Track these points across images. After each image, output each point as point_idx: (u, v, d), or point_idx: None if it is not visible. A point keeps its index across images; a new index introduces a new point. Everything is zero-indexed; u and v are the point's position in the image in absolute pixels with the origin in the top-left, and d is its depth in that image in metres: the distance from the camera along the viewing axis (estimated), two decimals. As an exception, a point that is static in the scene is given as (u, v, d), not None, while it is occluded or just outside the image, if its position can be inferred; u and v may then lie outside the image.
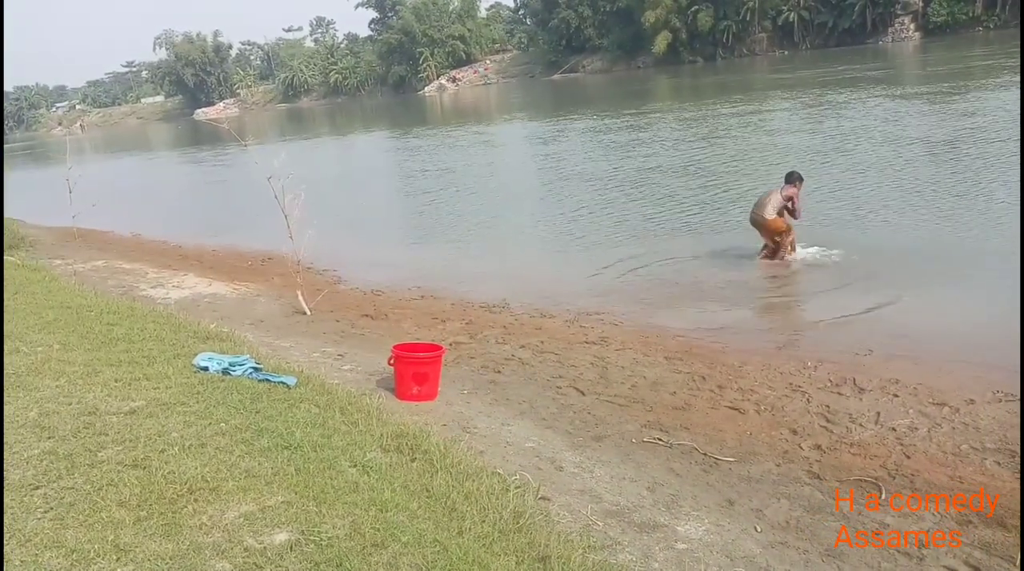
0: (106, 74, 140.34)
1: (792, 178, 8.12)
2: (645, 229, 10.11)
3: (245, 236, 12.34)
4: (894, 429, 4.24)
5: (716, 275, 7.87)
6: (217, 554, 2.41)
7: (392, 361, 4.72)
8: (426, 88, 77.30)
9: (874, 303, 6.47)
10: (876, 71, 32.06)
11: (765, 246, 8.11)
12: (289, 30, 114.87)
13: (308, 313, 7.40)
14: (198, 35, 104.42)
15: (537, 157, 20.19)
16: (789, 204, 7.98)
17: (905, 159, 12.41)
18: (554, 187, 14.59)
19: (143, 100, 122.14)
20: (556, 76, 67.01)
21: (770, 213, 7.89)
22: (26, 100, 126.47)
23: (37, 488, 2.81)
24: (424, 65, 79.30)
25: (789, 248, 7.96)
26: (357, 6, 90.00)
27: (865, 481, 3.72)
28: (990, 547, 3.15)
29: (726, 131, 19.31)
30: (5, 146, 65.10)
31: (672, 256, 8.73)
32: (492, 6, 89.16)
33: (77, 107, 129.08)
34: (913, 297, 6.53)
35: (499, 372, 5.50)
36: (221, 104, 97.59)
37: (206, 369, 4.32)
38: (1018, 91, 16.56)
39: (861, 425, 4.32)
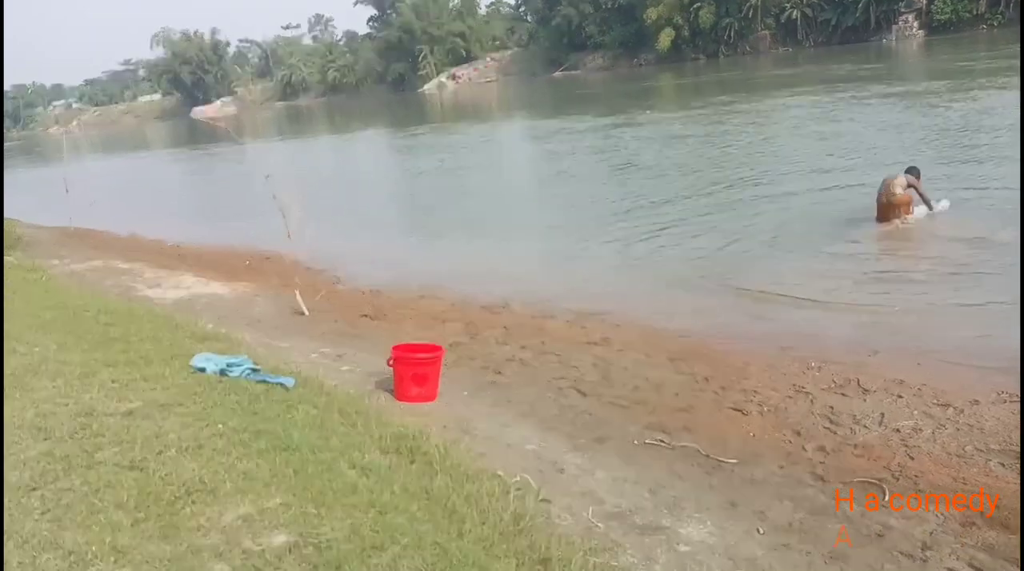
0: (103, 72, 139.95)
1: (913, 171, 8.66)
2: (648, 229, 10.07)
3: (243, 236, 12.31)
4: (898, 430, 4.22)
5: (718, 275, 7.85)
6: (215, 556, 2.40)
7: (391, 362, 4.71)
8: (426, 86, 77.19)
9: (883, 302, 6.47)
10: (887, 69, 31.97)
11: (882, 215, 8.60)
12: (287, 28, 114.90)
13: (306, 313, 7.37)
14: (196, 33, 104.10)
15: (538, 156, 20.18)
16: (914, 190, 8.53)
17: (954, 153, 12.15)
18: (554, 187, 14.57)
19: (140, 98, 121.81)
20: (557, 74, 66.94)
21: (900, 191, 8.43)
22: (23, 99, 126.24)
23: (35, 489, 2.80)
24: (424, 62, 79.17)
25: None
26: (356, 3, 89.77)
27: (869, 482, 3.70)
28: (993, 549, 3.13)
29: (731, 129, 19.30)
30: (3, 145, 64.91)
31: (676, 255, 8.71)
32: (492, 3, 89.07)
33: (74, 106, 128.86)
34: (922, 297, 6.52)
35: (500, 373, 5.48)
36: (219, 102, 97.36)
37: (204, 370, 4.30)
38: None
39: (865, 426, 4.30)
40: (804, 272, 7.62)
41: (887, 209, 8.52)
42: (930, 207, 8.57)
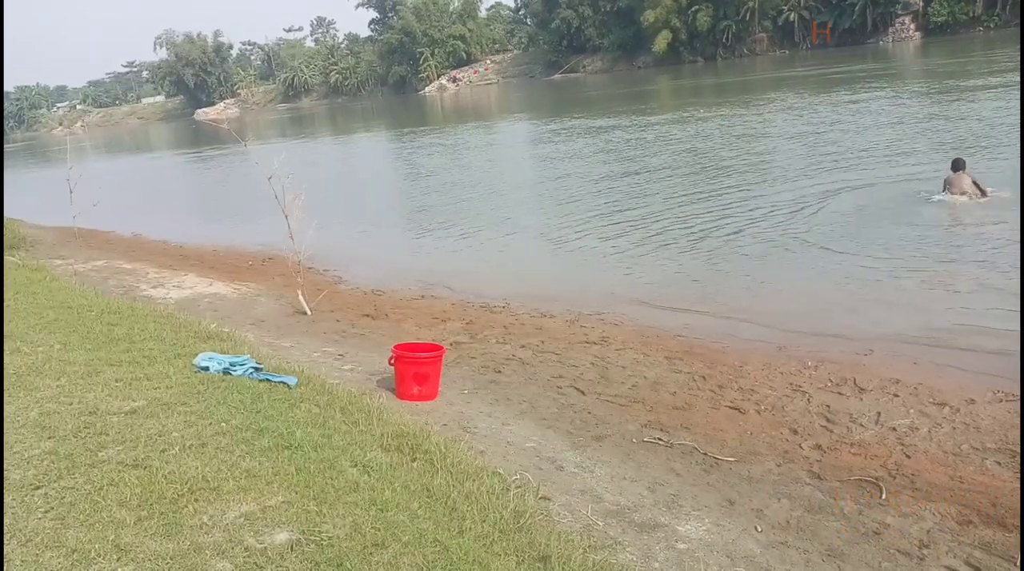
0: (107, 74, 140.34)
1: (961, 165, 9.10)
2: (647, 229, 10.09)
3: (246, 236, 12.35)
4: (894, 429, 4.24)
5: (717, 275, 7.87)
6: (218, 554, 2.42)
7: (393, 361, 4.73)
8: (426, 88, 77.30)
9: (882, 302, 6.48)
10: (889, 70, 31.92)
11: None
12: (290, 30, 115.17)
13: (309, 313, 7.40)
14: (199, 35, 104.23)
15: (537, 157, 20.18)
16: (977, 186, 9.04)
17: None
18: (555, 187, 14.58)
19: (143, 100, 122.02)
20: (556, 76, 67.01)
21: (969, 189, 8.90)
22: (27, 100, 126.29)
23: (38, 488, 2.82)
24: (424, 65, 79.26)
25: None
26: (357, 6, 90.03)
27: (866, 481, 3.72)
28: (990, 547, 3.14)
29: (737, 130, 19.31)
30: (5, 146, 65.08)
31: (675, 255, 8.73)
32: (492, 6, 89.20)
33: (78, 107, 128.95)
34: (918, 296, 6.53)
35: (499, 372, 5.50)
36: (222, 104, 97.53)
37: (207, 369, 4.32)
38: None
39: (862, 425, 4.32)
40: (803, 272, 7.64)
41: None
42: (985, 195, 8.94)
